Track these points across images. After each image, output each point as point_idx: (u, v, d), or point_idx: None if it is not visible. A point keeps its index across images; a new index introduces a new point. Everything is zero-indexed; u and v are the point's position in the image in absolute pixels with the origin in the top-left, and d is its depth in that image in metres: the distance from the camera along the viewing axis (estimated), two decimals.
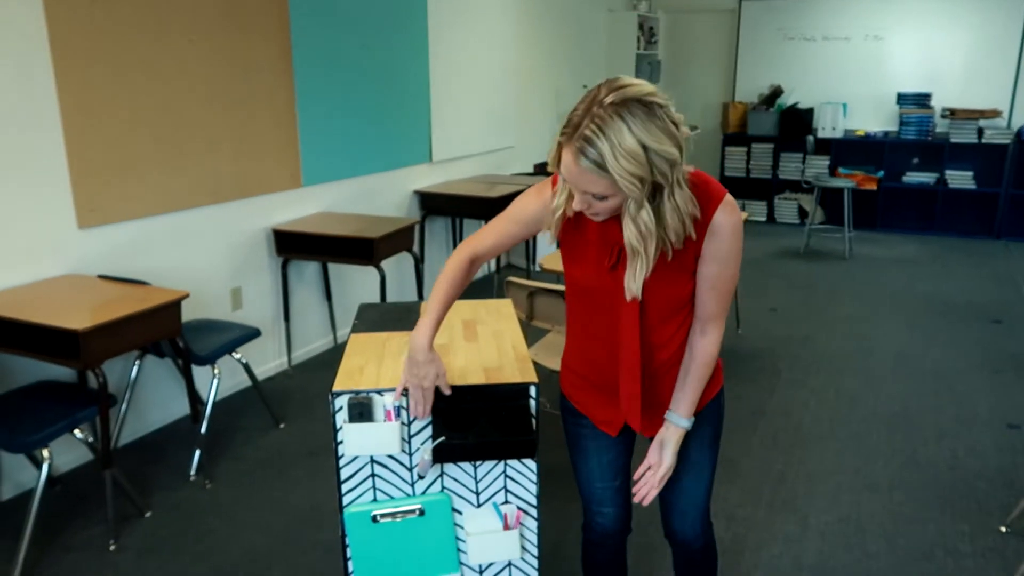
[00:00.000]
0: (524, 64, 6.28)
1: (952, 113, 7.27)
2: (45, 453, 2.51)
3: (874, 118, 7.76)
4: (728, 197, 1.51)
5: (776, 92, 8.04)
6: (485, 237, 1.71)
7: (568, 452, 1.82)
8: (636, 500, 1.70)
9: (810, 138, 7.23)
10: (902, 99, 7.52)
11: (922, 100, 7.44)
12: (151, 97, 3.27)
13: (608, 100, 1.30)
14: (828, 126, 7.68)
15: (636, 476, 1.70)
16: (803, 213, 7.95)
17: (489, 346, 2.01)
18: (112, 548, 2.62)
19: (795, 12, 7.90)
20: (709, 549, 1.88)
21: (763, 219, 8.24)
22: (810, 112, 7.78)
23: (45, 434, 2.46)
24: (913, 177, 7.55)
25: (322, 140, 4.22)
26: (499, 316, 2.27)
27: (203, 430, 3.12)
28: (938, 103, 7.42)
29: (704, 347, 1.63)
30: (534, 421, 1.79)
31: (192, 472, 3.08)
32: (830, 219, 7.73)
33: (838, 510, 2.84)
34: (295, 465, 3.16)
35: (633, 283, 1.47)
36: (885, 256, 6.73)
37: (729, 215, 1.49)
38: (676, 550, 1.89)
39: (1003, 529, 2.71)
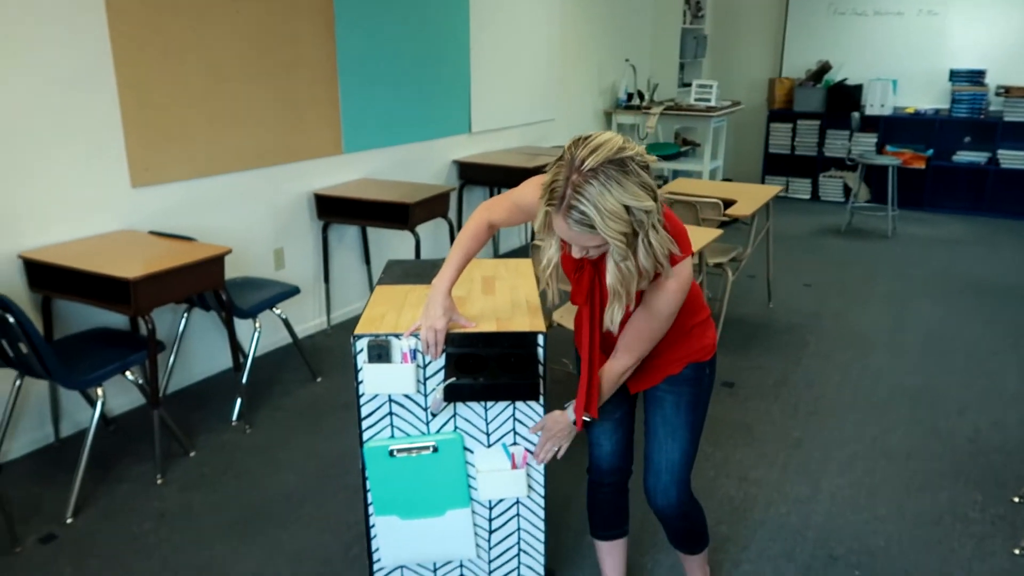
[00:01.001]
0: (567, 37, 6.32)
1: (1007, 91, 7.08)
2: (99, 392, 2.72)
3: (925, 95, 7.59)
4: (686, 260, 1.62)
5: (824, 68, 7.92)
6: (499, 210, 1.87)
7: None
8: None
9: (855, 115, 7.13)
10: (955, 76, 7.34)
11: (976, 77, 7.25)
12: (201, 64, 3.44)
13: (585, 167, 1.41)
14: (877, 103, 7.54)
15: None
16: (848, 191, 7.85)
17: (504, 299, 2.13)
18: (159, 482, 2.83)
19: None
20: (690, 518, 1.95)
21: (806, 197, 8.15)
22: (859, 88, 7.65)
23: (99, 374, 2.67)
24: (964, 156, 7.39)
25: (363, 109, 4.36)
26: (517, 274, 2.38)
27: (244, 379, 3.31)
28: (992, 80, 7.23)
29: (610, 366, 1.77)
30: (541, 367, 1.90)
31: (234, 418, 3.28)
32: (876, 198, 7.62)
33: (851, 475, 2.90)
34: (329, 416, 3.34)
35: (611, 322, 1.62)
36: (930, 236, 6.63)
37: (673, 280, 1.61)
38: (660, 521, 1.98)
39: (1015, 499, 2.73)
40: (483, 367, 1.87)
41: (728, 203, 4.07)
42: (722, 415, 3.33)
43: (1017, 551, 2.45)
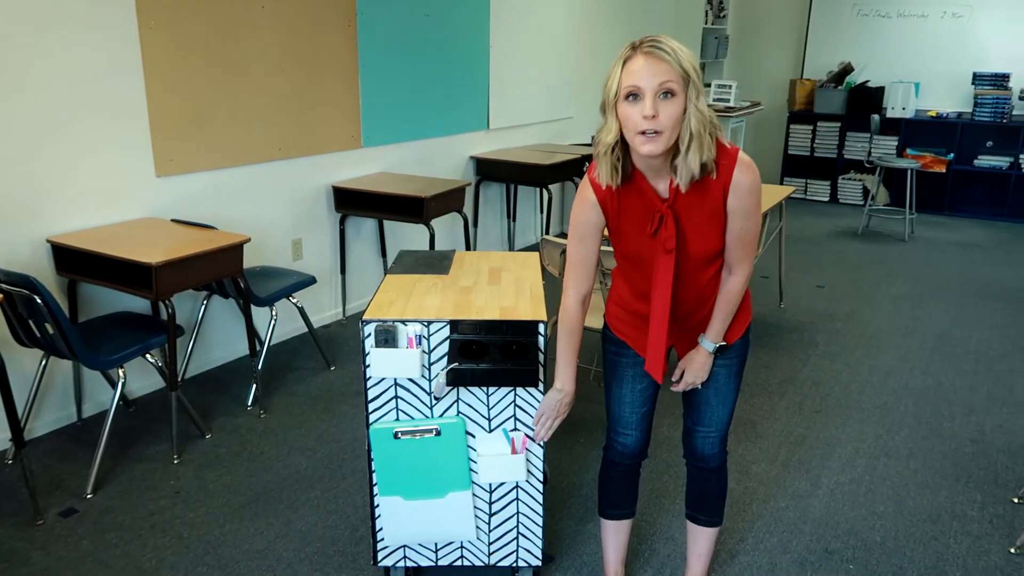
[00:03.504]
0: (587, 35, 6.37)
1: None
2: (120, 373, 2.82)
3: (948, 98, 7.55)
4: (742, 155, 1.70)
5: (846, 69, 7.90)
6: (575, 274, 1.87)
7: (604, 379, 2.03)
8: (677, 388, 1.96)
9: (875, 117, 7.10)
10: (978, 79, 7.29)
11: (999, 81, 7.20)
12: (225, 59, 3.54)
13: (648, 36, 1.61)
14: (898, 105, 7.51)
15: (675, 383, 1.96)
16: (867, 194, 7.82)
17: (509, 289, 2.19)
18: (176, 461, 2.93)
19: None
20: (722, 473, 2.08)
21: (825, 199, 8.13)
22: (880, 91, 7.63)
23: (121, 355, 2.77)
24: (986, 160, 7.34)
25: (382, 104, 4.44)
26: (524, 266, 2.44)
27: (260, 366, 3.41)
28: (1016, 84, 7.18)
29: (730, 285, 1.83)
30: (541, 355, 1.97)
31: (249, 403, 3.38)
32: (896, 201, 7.59)
33: (851, 472, 2.93)
34: (342, 403, 3.43)
35: (685, 170, 1.62)
36: (948, 240, 6.60)
37: (747, 173, 1.69)
38: (693, 471, 2.10)
39: (1015, 500, 2.76)
40: (485, 353, 1.94)
41: None
42: None
43: (1013, 550, 2.48)
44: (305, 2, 3.87)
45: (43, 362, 2.98)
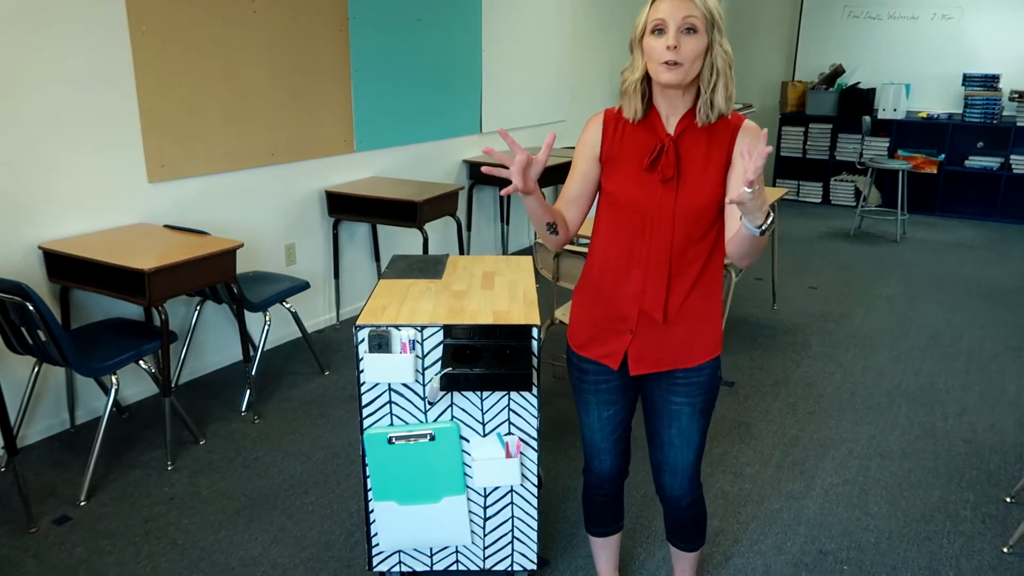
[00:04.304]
0: (579, 38, 6.38)
1: (1020, 96, 7.06)
2: (113, 379, 2.82)
3: (938, 99, 7.58)
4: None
5: (837, 71, 7.93)
6: (561, 197, 1.87)
7: (575, 405, 1.97)
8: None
9: (867, 119, 7.13)
10: (968, 80, 7.33)
11: (989, 82, 7.24)
12: (217, 64, 3.54)
13: None
14: (889, 107, 7.54)
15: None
16: (859, 195, 7.86)
17: (502, 293, 2.20)
18: (170, 468, 2.92)
19: None
20: (697, 508, 2.01)
21: (817, 200, 8.16)
22: (871, 92, 7.66)
23: (114, 362, 2.76)
24: (976, 161, 7.38)
25: (375, 108, 4.44)
26: (517, 270, 2.44)
27: (253, 371, 3.40)
28: (1006, 85, 7.22)
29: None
30: (535, 359, 1.97)
31: (243, 408, 3.38)
32: (887, 202, 7.62)
33: (846, 473, 2.94)
34: (336, 408, 3.42)
35: (711, 106, 1.68)
36: (939, 240, 6.63)
37: (754, 126, 1.74)
38: (666, 509, 2.04)
39: (1008, 499, 2.77)
40: (479, 358, 1.94)
41: None
42: (721, 413, 3.38)
43: (1006, 549, 2.49)
44: (297, 7, 3.87)
45: (35, 369, 2.97)
